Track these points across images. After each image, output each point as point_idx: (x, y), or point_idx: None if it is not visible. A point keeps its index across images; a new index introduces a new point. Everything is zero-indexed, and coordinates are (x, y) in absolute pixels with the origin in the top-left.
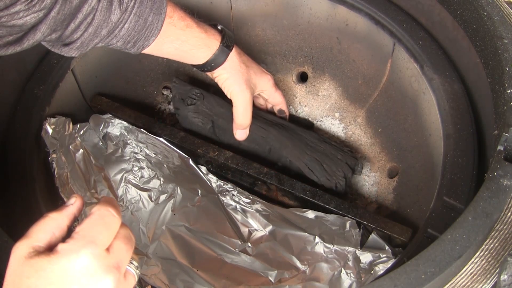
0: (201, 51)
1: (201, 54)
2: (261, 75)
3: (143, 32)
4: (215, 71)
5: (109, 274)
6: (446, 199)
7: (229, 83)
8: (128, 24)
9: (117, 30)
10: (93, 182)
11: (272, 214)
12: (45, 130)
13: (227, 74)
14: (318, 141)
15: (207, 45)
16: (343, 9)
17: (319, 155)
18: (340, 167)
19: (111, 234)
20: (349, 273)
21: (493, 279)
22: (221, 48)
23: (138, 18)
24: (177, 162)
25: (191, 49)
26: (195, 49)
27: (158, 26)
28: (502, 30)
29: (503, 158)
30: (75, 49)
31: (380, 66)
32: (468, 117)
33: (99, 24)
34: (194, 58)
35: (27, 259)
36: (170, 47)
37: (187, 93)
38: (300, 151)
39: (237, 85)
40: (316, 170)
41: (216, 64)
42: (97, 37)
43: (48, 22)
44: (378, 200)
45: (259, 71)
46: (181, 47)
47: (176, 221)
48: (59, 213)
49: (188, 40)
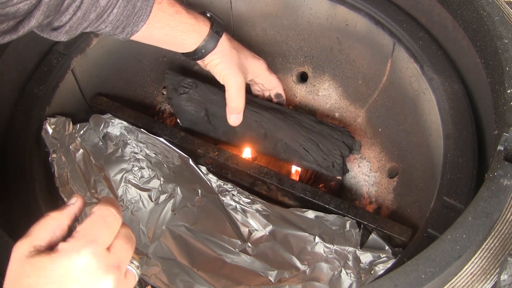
0: (191, 37)
1: (191, 41)
2: (253, 60)
3: (131, 18)
4: (206, 57)
5: (110, 274)
6: (446, 199)
7: (220, 67)
8: (116, 9)
9: (106, 15)
10: (93, 182)
11: (272, 214)
12: (45, 130)
13: (218, 59)
14: (315, 123)
15: (197, 31)
16: (343, 9)
17: (314, 135)
18: (337, 146)
19: (111, 233)
20: (349, 273)
21: (493, 279)
22: (211, 34)
23: (126, 3)
24: (177, 162)
25: (180, 35)
26: (185, 35)
27: (147, 11)
28: (502, 30)
29: (503, 158)
30: (64, 33)
31: (380, 66)
32: (468, 117)
33: (87, 8)
34: (184, 45)
35: (28, 258)
36: (159, 33)
37: (179, 83)
38: (295, 132)
39: (229, 68)
40: (312, 150)
41: (207, 50)
42: (85, 21)
43: (41, 8)
44: (378, 200)
45: (250, 55)
46: (170, 33)
47: (176, 221)
48: (60, 212)
49: (178, 26)
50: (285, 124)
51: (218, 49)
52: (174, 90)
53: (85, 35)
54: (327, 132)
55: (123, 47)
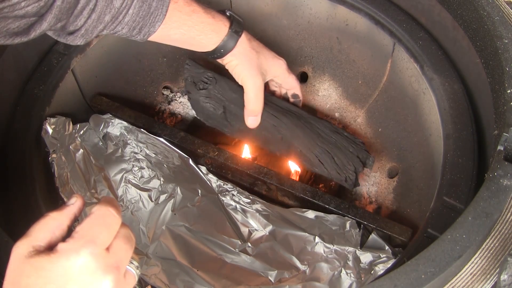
0: (209, 37)
1: (209, 40)
2: (273, 60)
3: (148, 18)
4: (225, 57)
5: (109, 274)
6: (446, 199)
7: (239, 69)
8: (132, 10)
9: (121, 16)
10: (93, 182)
11: (272, 214)
12: (45, 130)
13: (237, 60)
14: (330, 131)
15: (215, 31)
16: (343, 9)
17: (330, 147)
18: (351, 160)
19: (111, 233)
20: (349, 273)
21: (493, 279)
22: (230, 34)
23: (142, 3)
24: (177, 162)
25: (198, 35)
26: (203, 35)
27: (163, 11)
28: (502, 30)
29: (503, 158)
30: (80, 36)
31: (380, 66)
32: (468, 117)
33: (102, 10)
34: (202, 45)
35: (27, 258)
36: (177, 33)
37: (199, 76)
38: (311, 142)
39: (248, 70)
40: (326, 163)
41: (226, 50)
42: (101, 23)
43: (53, 12)
44: (378, 200)
45: (271, 56)
46: (188, 33)
47: (176, 221)
48: (60, 212)
49: (195, 26)
50: (302, 132)
51: (238, 50)
52: (193, 84)
53: None
54: (343, 144)
55: (123, 47)
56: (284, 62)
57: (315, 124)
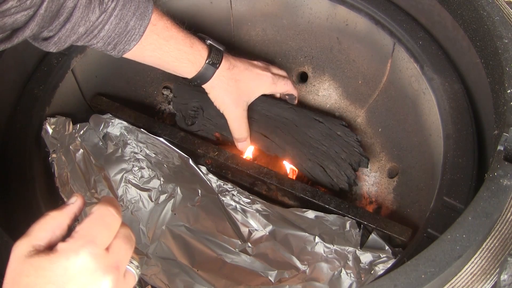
0: (184, 65)
1: (184, 69)
2: (255, 81)
3: (123, 36)
4: (204, 86)
5: (108, 274)
6: (446, 199)
7: (219, 102)
8: (108, 26)
9: (97, 31)
10: (93, 182)
11: (272, 214)
12: (45, 130)
13: (215, 92)
14: (322, 137)
15: (191, 61)
16: (343, 9)
17: (321, 159)
18: (344, 170)
19: (111, 233)
20: (349, 273)
21: (493, 279)
22: (206, 66)
23: (119, 20)
24: (177, 162)
25: (173, 61)
26: (177, 63)
27: (140, 31)
28: (502, 30)
29: (503, 158)
30: (53, 44)
31: (380, 66)
32: (468, 117)
33: (76, 21)
34: (178, 71)
35: (27, 257)
36: (152, 55)
37: (186, 110)
38: (302, 157)
39: (226, 102)
40: (318, 176)
41: (202, 81)
42: (74, 34)
43: (36, 19)
44: (378, 200)
45: (253, 77)
46: (163, 57)
47: (176, 221)
48: (60, 212)
49: (170, 52)
50: (292, 149)
51: (215, 82)
52: (183, 118)
53: None
54: (335, 150)
55: None
56: (268, 76)
57: (307, 133)
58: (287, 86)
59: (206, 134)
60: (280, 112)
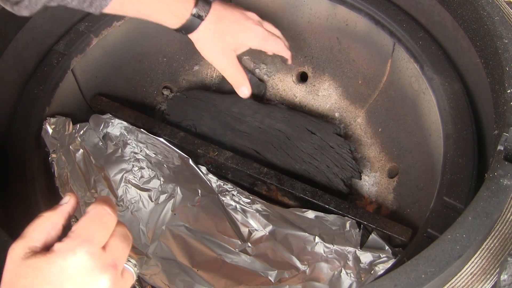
0: (167, 17)
1: (168, 21)
2: (245, 33)
3: None
4: (189, 36)
5: (106, 273)
6: (446, 199)
7: (205, 53)
8: None
9: None
10: (93, 182)
11: (272, 214)
12: (45, 130)
13: (200, 44)
14: (315, 150)
15: (174, 13)
16: (343, 9)
17: (313, 175)
18: (335, 186)
19: (107, 232)
20: (349, 273)
21: (493, 279)
22: (191, 18)
23: None
24: (177, 162)
25: (155, 14)
26: (160, 15)
27: None
28: (502, 30)
29: (503, 158)
30: (24, 8)
31: (380, 66)
32: (468, 117)
33: None
34: (163, 23)
35: (24, 259)
36: (132, 8)
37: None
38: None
39: (213, 55)
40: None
41: (187, 32)
42: None
43: None
44: (378, 200)
45: (241, 29)
46: (143, 11)
47: (176, 221)
48: (53, 212)
49: (151, 5)
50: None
51: (201, 34)
52: None
53: (85, 35)
54: (326, 165)
55: (123, 47)
56: (258, 31)
57: (299, 146)
58: (278, 46)
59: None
60: (273, 124)
